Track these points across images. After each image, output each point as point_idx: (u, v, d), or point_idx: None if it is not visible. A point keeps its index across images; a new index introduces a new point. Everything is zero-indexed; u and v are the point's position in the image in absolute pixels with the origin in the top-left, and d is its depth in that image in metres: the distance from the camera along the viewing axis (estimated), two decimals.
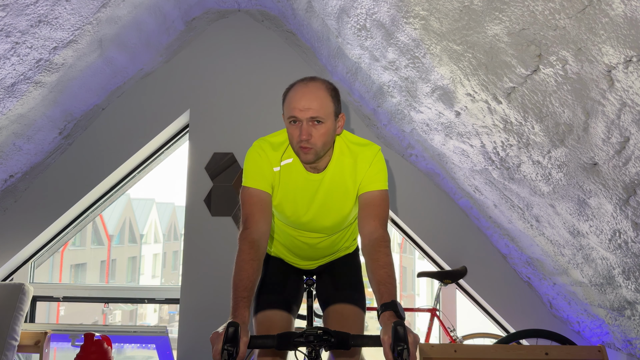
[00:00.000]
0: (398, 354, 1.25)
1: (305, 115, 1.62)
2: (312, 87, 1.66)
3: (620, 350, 2.78)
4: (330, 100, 1.67)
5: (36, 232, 3.37)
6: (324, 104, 1.65)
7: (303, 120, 1.63)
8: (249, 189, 1.73)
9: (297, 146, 1.66)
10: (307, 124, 1.62)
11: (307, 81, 1.68)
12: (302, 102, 1.62)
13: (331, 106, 1.67)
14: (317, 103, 1.63)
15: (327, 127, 1.66)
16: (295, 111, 1.63)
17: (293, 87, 1.69)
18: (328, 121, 1.66)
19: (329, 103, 1.67)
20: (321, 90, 1.66)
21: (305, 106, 1.62)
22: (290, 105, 1.64)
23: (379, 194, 1.73)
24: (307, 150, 1.64)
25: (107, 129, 3.46)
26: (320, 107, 1.63)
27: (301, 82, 1.69)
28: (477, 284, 3.38)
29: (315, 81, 1.68)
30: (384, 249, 1.61)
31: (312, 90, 1.65)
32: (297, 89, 1.67)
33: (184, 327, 3.32)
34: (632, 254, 2.04)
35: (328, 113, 1.66)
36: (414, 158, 3.41)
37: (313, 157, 1.67)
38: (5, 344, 2.96)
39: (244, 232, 1.64)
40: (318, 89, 1.66)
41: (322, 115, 1.63)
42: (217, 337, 1.33)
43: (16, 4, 2.05)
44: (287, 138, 1.78)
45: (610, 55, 1.38)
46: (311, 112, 1.62)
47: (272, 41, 3.55)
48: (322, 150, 1.69)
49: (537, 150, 2.03)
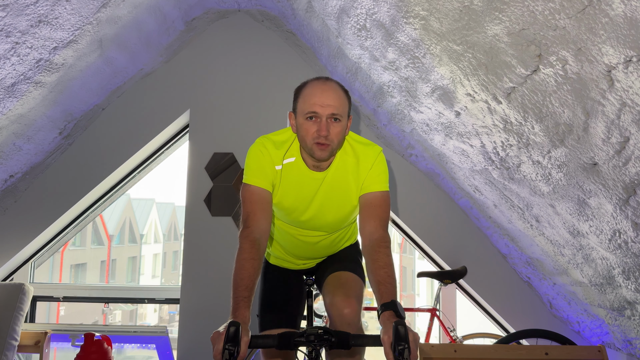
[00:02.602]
0: (399, 353, 1.25)
1: (327, 112, 1.64)
2: (331, 85, 1.69)
3: (620, 350, 2.78)
4: (346, 101, 1.71)
5: (36, 232, 3.37)
6: (343, 102, 1.68)
7: (323, 117, 1.64)
8: (250, 186, 1.73)
9: (313, 142, 1.66)
10: (327, 121, 1.64)
11: (324, 79, 1.71)
12: (323, 99, 1.64)
13: (347, 106, 1.71)
14: (338, 101, 1.66)
15: (342, 126, 1.68)
16: (315, 107, 1.64)
17: (310, 84, 1.70)
18: (344, 120, 1.69)
19: (346, 103, 1.70)
20: (339, 90, 1.69)
21: (326, 102, 1.64)
22: (311, 101, 1.65)
23: (380, 195, 1.74)
24: (325, 147, 1.65)
25: (107, 129, 3.46)
26: (340, 105, 1.66)
27: (318, 80, 1.71)
28: (477, 284, 3.38)
29: (332, 81, 1.71)
30: (384, 250, 1.61)
31: (332, 88, 1.67)
32: (316, 86, 1.68)
33: (184, 327, 3.32)
34: (632, 254, 2.04)
35: (345, 112, 1.69)
36: (414, 158, 3.41)
37: (328, 154, 1.68)
38: (5, 344, 2.96)
39: (244, 231, 1.64)
40: (337, 88, 1.69)
41: (341, 113, 1.66)
42: (217, 336, 1.33)
43: (16, 4, 2.05)
44: (290, 137, 1.79)
45: (610, 55, 1.38)
46: (332, 109, 1.64)
47: (272, 41, 3.55)
48: (337, 148, 1.71)
49: (537, 150, 2.03)
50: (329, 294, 1.86)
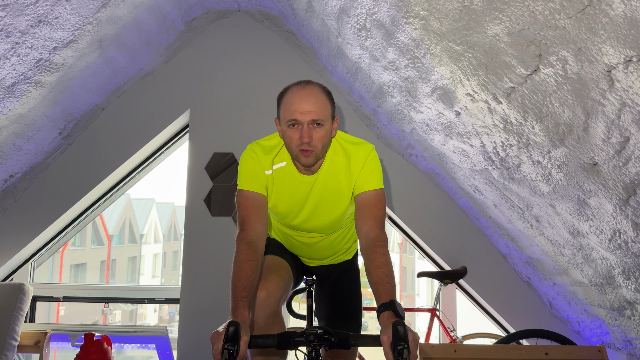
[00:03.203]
0: (398, 353, 1.25)
1: (307, 118, 1.62)
2: (311, 90, 1.66)
3: (620, 350, 2.78)
4: (328, 103, 1.69)
5: (36, 232, 3.37)
6: (323, 106, 1.66)
7: (304, 123, 1.63)
8: (244, 191, 1.74)
9: (297, 149, 1.66)
10: (308, 127, 1.63)
11: (303, 84, 1.69)
12: (302, 105, 1.63)
13: (329, 109, 1.69)
14: (317, 106, 1.64)
15: (326, 130, 1.67)
16: (295, 114, 1.63)
17: (290, 90, 1.69)
18: (327, 124, 1.67)
19: (328, 106, 1.68)
20: (319, 93, 1.67)
21: (306, 109, 1.62)
22: (290, 109, 1.64)
23: (374, 194, 1.73)
24: (308, 153, 1.65)
25: (107, 129, 3.46)
26: (320, 109, 1.64)
27: (297, 86, 1.69)
28: (477, 284, 3.38)
29: (312, 84, 1.69)
30: (381, 249, 1.60)
31: (311, 93, 1.65)
32: (295, 92, 1.66)
33: (184, 327, 3.32)
34: (632, 254, 2.04)
35: (327, 116, 1.67)
36: (414, 158, 3.41)
37: (313, 159, 1.68)
38: (5, 344, 2.96)
39: (241, 234, 1.65)
40: (317, 92, 1.67)
41: (322, 117, 1.65)
42: (217, 336, 1.33)
43: (16, 4, 2.05)
44: (280, 141, 1.79)
45: (610, 55, 1.38)
46: (312, 115, 1.62)
47: (272, 41, 3.55)
48: (322, 153, 1.70)
49: (537, 150, 2.03)
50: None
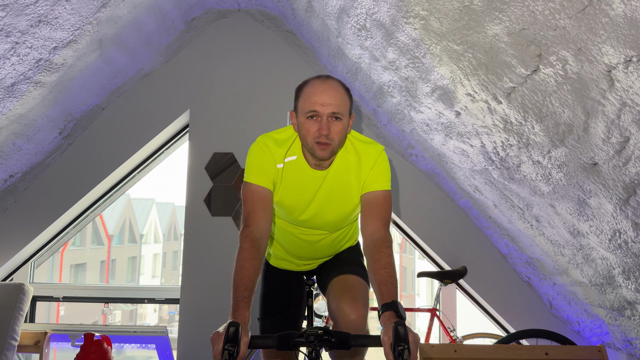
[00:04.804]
0: (399, 354, 1.25)
1: (327, 110, 1.62)
2: (331, 83, 1.67)
3: (620, 350, 2.78)
4: (347, 98, 1.69)
5: (36, 232, 3.37)
6: (343, 101, 1.66)
7: (324, 115, 1.63)
8: (251, 185, 1.72)
9: (314, 141, 1.65)
10: (327, 120, 1.63)
11: (324, 78, 1.69)
12: (323, 97, 1.63)
13: (348, 104, 1.69)
14: (338, 99, 1.64)
15: (343, 125, 1.67)
16: (316, 105, 1.63)
17: (310, 83, 1.69)
18: (345, 119, 1.67)
19: (347, 101, 1.69)
20: (340, 88, 1.68)
21: (326, 101, 1.62)
22: (311, 99, 1.64)
23: (382, 194, 1.73)
24: (326, 146, 1.64)
25: (107, 129, 3.46)
26: (340, 103, 1.65)
27: (318, 79, 1.69)
28: (477, 284, 3.38)
29: (332, 79, 1.70)
30: (386, 250, 1.60)
31: (332, 86, 1.66)
32: (316, 85, 1.67)
33: (184, 327, 3.32)
34: (632, 254, 2.04)
35: (346, 110, 1.67)
36: (414, 158, 3.41)
37: (329, 153, 1.67)
38: (5, 344, 2.96)
39: (245, 230, 1.63)
40: (337, 86, 1.67)
41: (342, 111, 1.65)
42: (217, 337, 1.33)
43: (16, 4, 2.05)
44: (292, 135, 1.78)
45: (610, 55, 1.38)
46: (332, 108, 1.63)
47: (272, 41, 3.54)
48: (338, 147, 1.70)
49: (537, 150, 2.03)
50: (334, 299, 1.81)
